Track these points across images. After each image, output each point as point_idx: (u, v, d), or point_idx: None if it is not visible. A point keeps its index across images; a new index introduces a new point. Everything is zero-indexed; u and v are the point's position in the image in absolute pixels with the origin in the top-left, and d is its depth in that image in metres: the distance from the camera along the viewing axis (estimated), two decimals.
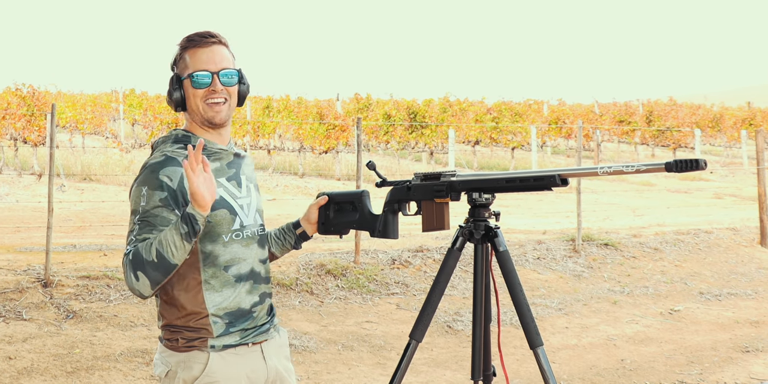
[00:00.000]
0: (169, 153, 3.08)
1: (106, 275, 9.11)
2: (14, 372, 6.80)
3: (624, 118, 33.98)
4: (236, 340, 3.16)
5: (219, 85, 3.14)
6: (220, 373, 3.11)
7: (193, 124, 3.21)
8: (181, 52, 3.17)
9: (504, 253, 3.44)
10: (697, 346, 8.57)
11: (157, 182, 2.99)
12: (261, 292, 3.26)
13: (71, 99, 33.45)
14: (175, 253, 2.89)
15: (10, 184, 19.37)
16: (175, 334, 3.14)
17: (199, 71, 3.12)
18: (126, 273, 2.94)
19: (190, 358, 3.11)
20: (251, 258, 3.23)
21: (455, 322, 9.01)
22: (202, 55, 3.13)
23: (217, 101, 3.15)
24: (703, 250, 12.90)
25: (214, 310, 3.12)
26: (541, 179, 3.17)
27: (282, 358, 3.35)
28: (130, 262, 2.92)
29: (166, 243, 2.88)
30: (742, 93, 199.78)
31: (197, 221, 2.88)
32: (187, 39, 3.17)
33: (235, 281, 3.16)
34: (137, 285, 2.92)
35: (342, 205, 3.45)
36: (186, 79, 3.14)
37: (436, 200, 3.39)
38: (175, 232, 2.88)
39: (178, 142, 3.16)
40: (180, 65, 3.17)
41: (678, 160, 2.89)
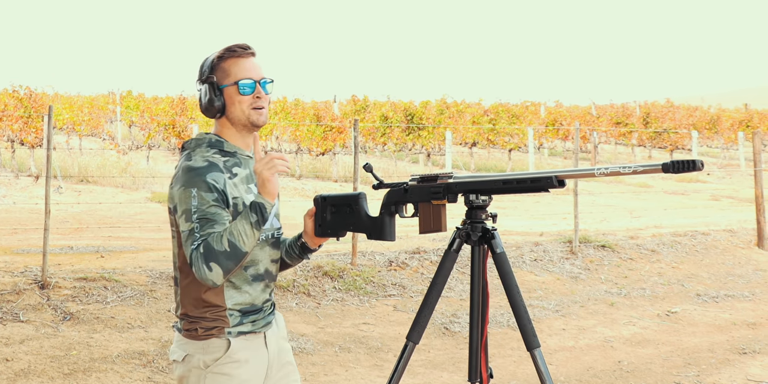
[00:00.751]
0: (210, 158, 3.28)
1: (103, 277, 9.11)
2: (11, 374, 6.80)
3: (621, 120, 33.99)
4: (249, 328, 3.38)
5: (262, 92, 3.36)
6: (240, 354, 3.33)
7: (230, 129, 3.41)
8: (219, 61, 3.36)
9: (501, 254, 3.44)
10: (694, 348, 8.57)
11: (206, 185, 3.19)
12: (271, 289, 3.51)
13: (68, 101, 33.46)
14: (247, 241, 3.15)
15: (7, 186, 19.36)
16: (193, 324, 3.35)
17: (244, 79, 3.32)
18: (197, 265, 3.13)
19: (209, 344, 3.33)
20: (265, 259, 3.43)
21: (452, 324, 9.01)
22: (245, 64, 3.35)
23: (261, 106, 3.36)
24: (700, 251, 12.91)
25: (231, 305, 3.34)
26: (538, 181, 3.16)
27: (281, 340, 3.57)
28: (201, 255, 3.13)
29: (237, 233, 3.13)
30: (739, 95, 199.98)
31: (266, 209, 3.16)
32: (228, 49, 3.36)
33: (252, 280, 3.38)
34: (210, 275, 3.13)
35: (339, 207, 3.45)
36: (229, 87, 3.34)
37: (433, 202, 3.39)
38: (245, 221, 3.14)
39: (212, 146, 3.35)
40: (218, 74, 3.35)
41: (675, 161, 2.88)
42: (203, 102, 3.37)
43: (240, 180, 3.33)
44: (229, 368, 3.33)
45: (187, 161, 3.28)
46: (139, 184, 20.38)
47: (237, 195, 3.29)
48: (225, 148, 3.35)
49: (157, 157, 26.08)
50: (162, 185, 20.59)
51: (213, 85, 3.34)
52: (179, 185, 3.22)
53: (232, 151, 3.37)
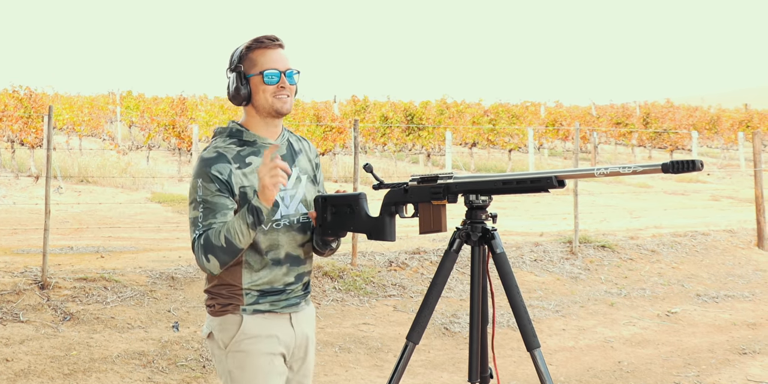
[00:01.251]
0: (221, 149, 3.45)
1: (103, 277, 9.11)
2: (11, 374, 6.80)
3: (621, 120, 33.98)
4: (266, 307, 3.51)
5: (286, 82, 3.48)
6: (254, 330, 3.47)
7: (255, 117, 3.55)
8: (247, 52, 3.49)
9: (501, 255, 3.44)
10: (694, 348, 8.57)
11: (209, 176, 3.37)
12: (298, 273, 3.58)
13: (68, 101, 33.44)
14: (242, 239, 3.29)
15: (7, 186, 19.36)
16: (212, 300, 3.55)
17: (269, 69, 3.46)
18: (197, 254, 3.35)
19: (225, 320, 3.50)
20: (287, 244, 3.53)
21: (452, 324, 9.01)
22: (272, 55, 3.48)
23: (284, 96, 3.48)
24: (700, 252, 12.90)
25: (248, 285, 3.48)
26: (538, 181, 3.17)
27: (309, 328, 3.68)
28: (202, 246, 3.33)
29: (234, 231, 3.27)
30: (739, 95, 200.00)
31: (262, 213, 3.26)
32: (256, 40, 3.49)
33: (272, 264, 3.50)
34: (208, 265, 3.34)
35: (339, 207, 3.46)
36: (255, 77, 3.47)
37: (433, 202, 3.40)
38: (241, 221, 3.27)
39: (232, 136, 3.52)
40: (246, 64, 3.49)
41: (674, 161, 2.88)
42: (230, 90, 3.52)
43: (254, 169, 3.44)
44: (245, 345, 3.46)
45: (203, 151, 3.48)
46: (139, 184, 20.38)
47: (247, 184, 3.42)
48: (244, 137, 3.50)
49: (157, 158, 26.09)
50: (162, 185, 20.59)
51: (240, 74, 3.48)
52: (192, 175, 3.45)
53: (252, 139, 3.50)
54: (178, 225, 14.83)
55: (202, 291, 9.04)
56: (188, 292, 9.12)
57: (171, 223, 15.20)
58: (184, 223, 15.01)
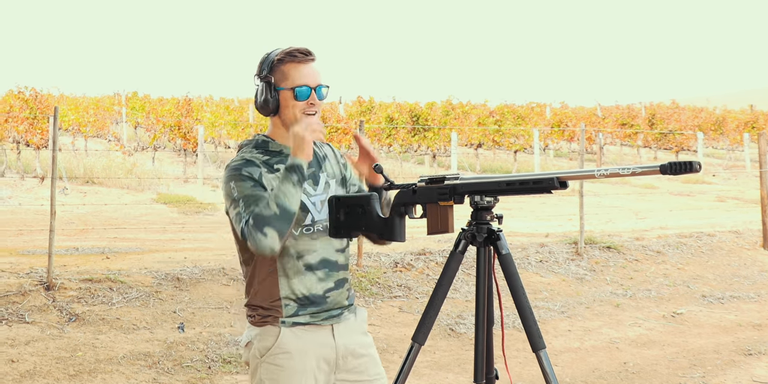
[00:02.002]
0: (248, 156, 3.45)
1: (109, 278, 9.12)
2: (17, 375, 6.81)
3: (626, 121, 33.94)
4: (306, 319, 3.49)
5: (316, 99, 3.48)
6: (290, 346, 3.46)
7: (281, 128, 3.54)
8: (279, 64, 3.46)
9: (506, 256, 3.44)
10: (699, 349, 8.56)
11: (242, 176, 3.36)
12: (337, 278, 3.57)
13: (74, 102, 33.49)
14: (293, 200, 3.28)
15: (13, 187, 19.40)
16: (253, 311, 3.54)
17: (300, 85, 3.44)
18: (252, 236, 3.24)
19: (265, 331, 3.50)
20: (322, 249, 3.53)
21: (458, 325, 9.01)
22: (304, 70, 3.45)
23: (312, 113, 3.48)
24: (706, 253, 12.89)
25: (285, 294, 3.48)
26: (540, 182, 3.18)
27: (357, 334, 3.64)
28: (253, 225, 3.24)
29: (283, 195, 3.27)
30: (744, 96, 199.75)
31: (304, 169, 3.30)
32: (290, 54, 3.46)
33: (305, 269, 3.48)
34: (267, 241, 3.23)
35: (352, 208, 3.47)
36: (286, 91, 3.45)
37: (440, 203, 3.40)
38: (286, 182, 3.27)
39: (257, 147, 3.52)
40: (276, 76, 3.46)
41: (672, 163, 2.91)
42: (258, 100, 3.50)
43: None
44: (280, 359, 3.47)
45: (230, 162, 3.46)
46: (144, 185, 20.39)
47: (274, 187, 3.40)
48: (270, 148, 3.51)
49: (162, 159, 26.10)
50: (167, 186, 20.61)
51: (270, 85, 3.46)
52: (222, 183, 3.42)
53: (278, 149, 3.51)
54: (183, 226, 14.85)
55: (207, 292, 9.07)
56: (194, 293, 9.13)
57: (176, 224, 15.22)
58: (190, 224, 15.03)
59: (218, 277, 9.58)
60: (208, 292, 9.18)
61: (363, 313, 3.75)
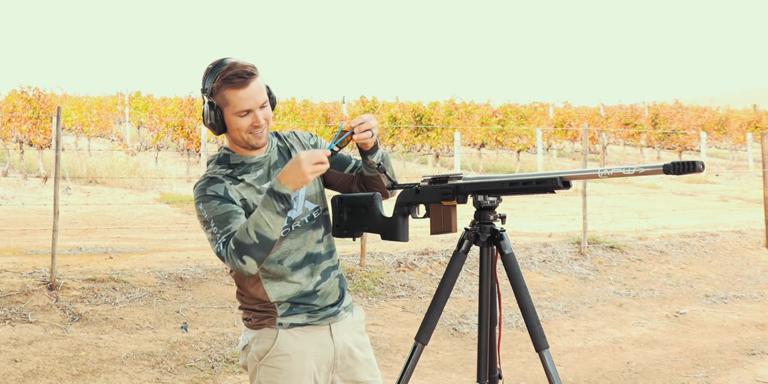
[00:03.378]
0: (210, 174, 3.47)
1: (112, 278, 9.12)
2: (20, 375, 6.81)
3: (630, 121, 33.93)
4: (303, 320, 3.51)
5: (260, 120, 3.43)
6: (288, 347, 3.47)
7: (236, 145, 3.53)
8: (218, 90, 3.39)
9: (510, 255, 3.44)
10: (702, 349, 8.56)
11: (207, 197, 3.37)
12: (323, 269, 3.58)
13: (77, 102, 33.50)
14: (275, 229, 3.22)
15: (16, 187, 19.41)
16: (248, 314, 3.56)
17: (241, 110, 3.39)
18: (230, 260, 3.25)
19: (262, 334, 3.51)
20: (304, 245, 3.52)
21: (461, 325, 9.01)
22: (243, 95, 3.37)
23: (259, 132, 3.45)
24: (709, 252, 12.89)
25: (275, 298, 3.48)
26: (543, 182, 3.18)
27: (354, 333, 3.68)
28: (233, 251, 3.23)
29: (263, 223, 3.21)
30: (747, 96, 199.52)
31: (290, 198, 3.23)
32: (226, 80, 3.37)
33: (291, 270, 3.49)
34: (245, 267, 3.24)
35: (355, 207, 3.48)
36: (228, 115, 3.42)
37: (444, 203, 3.40)
38: (270, 212, 3.21)
39: (219, 162, 3.52)
40: (218, 99, 3.41)
41: (675, 163, 2.90)
42: (206, 120, 3.48)
43: (250, 182, 3.47)
44: (278, 362, 3.48)
45: (197, 182, 3.49)
46: (147, 185, 20.40)
47: (244, 197, 3.43)
48: (231, 161, 3.51)
49: (165, 158, 26.11)
50: (171, 186, 20.61)
51: (213, 107, 3.42)
52: (194, 204, 3.44)
53: (239, 162, 3.51)
54: (186, 226, 14.85)
55: (210, 292, 9.08)
56: (197, 292, 9.13)
57: (180, 223, 15.22)
58: (193, 224, 15.03)
59: (221, 276, 9.58)
60: (211, 291, 9.19)
61: (360, 314, 3.79)
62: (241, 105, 3.38)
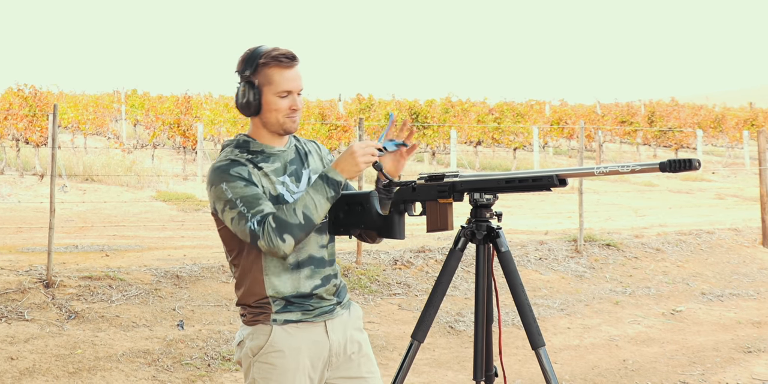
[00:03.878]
0: (233, 157, 3.44)
1: (108, 276, 9.12)
2: (16, 372, 6.80)
3: (626, 119, 33.96)
4: (298, 317, 3.49)
5: (298, 103, 3.47)
6: (282, 344, 3.45)
7: (262, 130, 3.53)
8: (263, 67, 3.42)
9: (506, 253, 3.44)
10: (699, 347, 8.56)
11: (231, 177, 3.35)
12: (323, 275, 3.54)
13: (73, 99, 33.48)
14: (321, 214, 3.32)
15: (12, 185, 19.39)
16: (243, 310, 3.54)
17: (285, 91, 3.42)
18: (267, 238, 3.25)
19: (256, 330, 3.48)
20: (308, 246, 3.49)
21: (457, 323, 9.01)
22: (288, 75, 3.43)
23: (294, 117, 3.49)
24: (705, 250, 12.89)
25: (272, 292, 3.45)
26: (540, 179, 3.18)
27: (350, 330, 3.65)
28: (273, 229, 3.24)
29: (313, 206, 3.30)
30: (744, 94, 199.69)
31: (341, 185, 3.33)
32: (275, 58, 3.41)
33: (292, 268, 3.46)
34: (283, 246, 3.26)
35: (351, 205, 3.47)
36: (269, 95, 3.43)
37: (440, 201, 3.40)
38: (320, 196, 3.31)
39: (239, 147, 3.50)
40: (260, 78, 3.43)
41: (671, 160, 2.90)
42: (240, 100, 3.48)
43: (267, 172, 3.46)
44: (272, 358, 3.46)
45: (215, 163, 3.45)
46: (144, 182, 20.39)
47: (265, 185, 3.42)
48: (251, 148, 3.50)
49: (161, 156, 26.10)
50: (167, 184, 20.60)
51: (253, 86, 3.43)
52: (210, 186, 3.40)
53: (259, 149, 3.50)
54: (183, 223, 14.84)
55: (206, 289, 9.07)
56: (193, 290, 9.13)
57: (176, 221, 15.21)
58: (189, 222, 15.02)
59: (217, 274, 9.58)
60: (207, 289, 9.18)
61: (358, 310, 3.75)
62: (285, 85, 3.41)
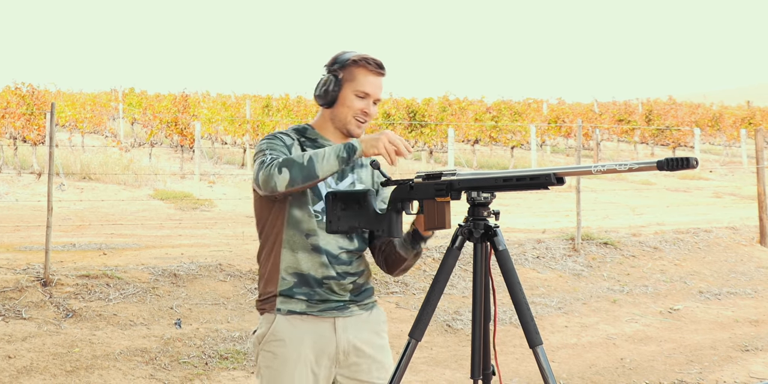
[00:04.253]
0: (284, 132, 3.61)
1: (106, 274, 9.11)
2: (14, 371, 6.80)
3: (623, 117, 33.97)
4: (302, 308, 3.53)
5: (371, 110, 3.59)
6: (284, 333, 3.51)
7: (327, 122, 3.64)
8: (353, 64, 3.55)
9: (503, 252, 3.43)
10: (696, 345, 8.57)
11: (275, 138, 3.53)
12: (342, 270, 3.56)
13: (71, 98, 33.43)
14: (325, 167, 3.27)
15: (10, 183, 19.37)
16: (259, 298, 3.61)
17: (363, 92, 3.54)
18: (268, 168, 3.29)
19: (264, 319, 3.57)
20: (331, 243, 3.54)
21: (455, 321, 9.01)
22: (372, 80, 3.56)
23: (362, 121, 3.59)
24: (703, 249, 12.90)
25: (285, 266, 3.52)
26: (537, 178, 3.17)
27: (365, 332, 3.66)
28: (279, 162, 3.28)
29: (322, 156, 3.27)
30: (741, 92, 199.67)
31: (356, 153, 3.29)
32: (365, 60, 3.55)
33: (312, 249, 3.51)
34: (276, 178, 3.26)
35: (348, 204, 3.46)
36: (349, 91, 3.55)
37: (438, 199, 3.40)
38: (333, 153, 3.27)
39: (296, 130, 3.65)
40: (345, 74, 3.55)
41: (669, 159, 2.90)
42: (320, 89, 3.57)
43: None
44: (273, 346, 3.52)
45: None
46: (141, 181, 20.39)
47: None
48: (307, 135, 3.63)
49: (159, 155, 26.09)
50: (164, 182, 20.60)
51: (337, 79, 3.54)
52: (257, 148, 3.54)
53: (314, 137, 3.62)
54: (180, 222, 14.84)
55: (203, 288, 9.07)
56: (191, 289, 9.12)
57: (173, 219, 15.21)
58: (187, 220, 15.02)
59: (215, 273, 9.57)
60: (204, 288, 9.18)
61: (381, 315, 3.78)
62: (365, 86, 3.53)
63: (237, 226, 14.15)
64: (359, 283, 3.64)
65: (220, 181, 21.95)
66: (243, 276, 9.51)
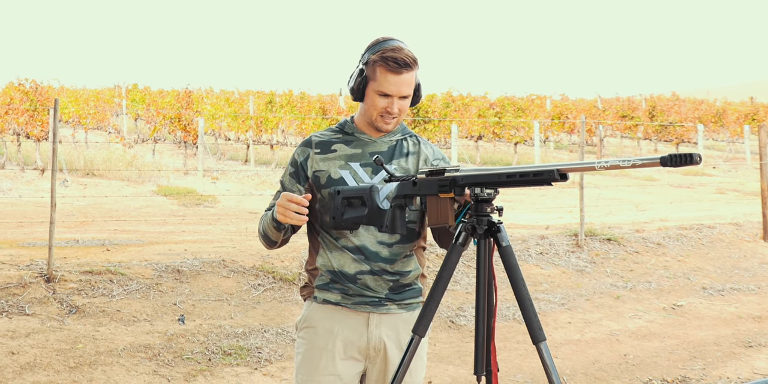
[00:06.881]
0: (315, 135, 3.71)
1: (109, 270, 9.11)
2: (17, 367, 6.81)
3: (627, 113, 33.93)
4: (337, 298, 3.61)
5: (394, 109, 3.57)
6: (316, 321, 3.62)
7: (362, 115, 3.69)
8: (375, 63, 3.54)
9: (507, 248, 3.42)
10: (699, 341, 8.56)
11: (292, 159, 3.69)
12: (377, 268, 3.61)
13: (74, 94, 33.43)
14: (271, 235, 3.56)
15: (13, 179, 19.38)
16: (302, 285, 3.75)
17: (382, 92, 3.54)
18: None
19: (305, 305, 3.71)
20: (363, 237, 3.59)
21: (458, 317, 9.01)
22: (391, 79, 3.51)
23: (389, 118, 3.61)
24: (706, 245, 12.89)
25: (321, 262, 3.64)
26: (540, 174, 3.16)
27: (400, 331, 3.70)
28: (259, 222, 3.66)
29: (266, 225, 3.56)
30: (745, 88, 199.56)
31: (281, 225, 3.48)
32: (383, 57, 3.51)
33: (342, 248, 3.60)
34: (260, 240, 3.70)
35: (352, 200, 3.46)
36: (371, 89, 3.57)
37: (441, 195, 3.39)
38: (269, 221, 3.52)
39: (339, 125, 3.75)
40: (369, 70, 3.56)
41: (672, 155, 2.89)
42: (351, 83, 3.63)
43: (336, 157, 3.63)
44: (305, 332, 3.65)
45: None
46: (144, 177, 20.38)
47: (323, 168, 3.61)
48: (345, 129, 3.70)
49: (162, 151, 26.09)
50: (168, 179, 20.60)
51: (362, 75, 3.58)
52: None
53: (350, 132, 3.69)
54: (183, 218, 14.84)
55: (207, 284, 9.07)
56: (194, 285, 9.13)
57: (177, 216, 15.21)
58: (190, 216, 15.02)
59: (218, 269, 9.57)
60: (208, 284, 9.18)
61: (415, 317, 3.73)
62: (385, 87, 3.52)
63: (240, 222, 14.15)
64: (402, 283, 3.70)
65: (223, 177, 21.95)
66: (246, 272, 9.51)
